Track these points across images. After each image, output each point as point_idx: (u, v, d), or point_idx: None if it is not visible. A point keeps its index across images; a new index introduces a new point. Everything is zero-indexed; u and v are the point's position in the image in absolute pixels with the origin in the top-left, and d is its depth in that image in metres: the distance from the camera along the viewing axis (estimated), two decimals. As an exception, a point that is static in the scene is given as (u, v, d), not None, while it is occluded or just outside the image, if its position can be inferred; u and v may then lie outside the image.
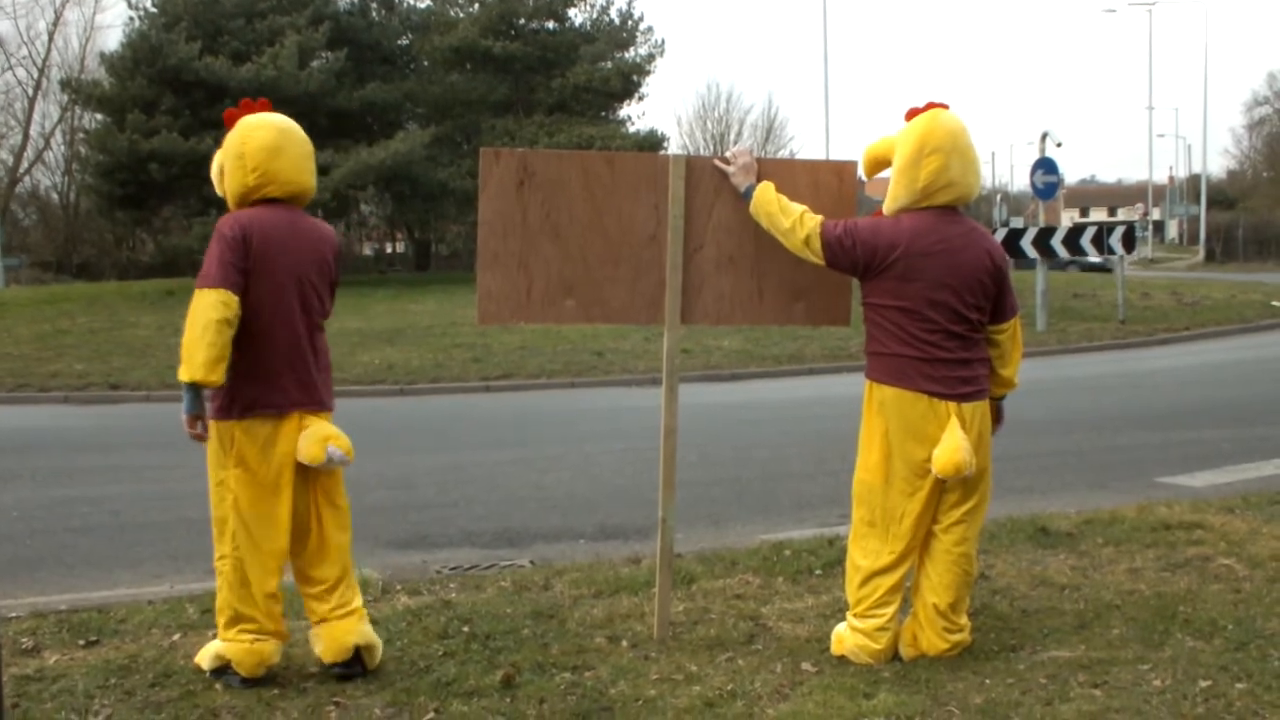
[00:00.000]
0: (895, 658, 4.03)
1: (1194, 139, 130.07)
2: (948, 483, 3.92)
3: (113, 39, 73.43)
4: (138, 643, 4.35)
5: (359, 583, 4.16)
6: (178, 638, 4.40)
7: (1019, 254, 17.77)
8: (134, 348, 16.72)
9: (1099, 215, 77.92)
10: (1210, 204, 52.92)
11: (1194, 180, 62.52)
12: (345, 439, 3.85)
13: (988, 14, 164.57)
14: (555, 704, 3.69)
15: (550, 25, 33.07)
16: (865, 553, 4.04)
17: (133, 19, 29.66)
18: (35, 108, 44.99)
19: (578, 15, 34.03)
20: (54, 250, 44.10)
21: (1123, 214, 71.94)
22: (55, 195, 46.69)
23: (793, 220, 4.03)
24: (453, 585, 5.12)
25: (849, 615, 4.09)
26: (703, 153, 35.88)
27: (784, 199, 4.08)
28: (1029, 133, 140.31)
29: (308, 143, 4.00)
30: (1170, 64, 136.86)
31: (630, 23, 34.23)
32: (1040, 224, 19.08)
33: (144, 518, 6.96)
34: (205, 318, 3.64)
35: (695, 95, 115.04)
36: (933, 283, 3.87)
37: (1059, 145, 19.23)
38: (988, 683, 3.78)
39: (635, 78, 33.36)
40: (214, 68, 27.00)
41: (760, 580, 5.02)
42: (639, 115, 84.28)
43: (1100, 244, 18.33)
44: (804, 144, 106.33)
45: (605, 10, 34.28)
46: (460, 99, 31.29)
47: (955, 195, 3.93)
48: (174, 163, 26.28)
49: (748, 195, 4.14)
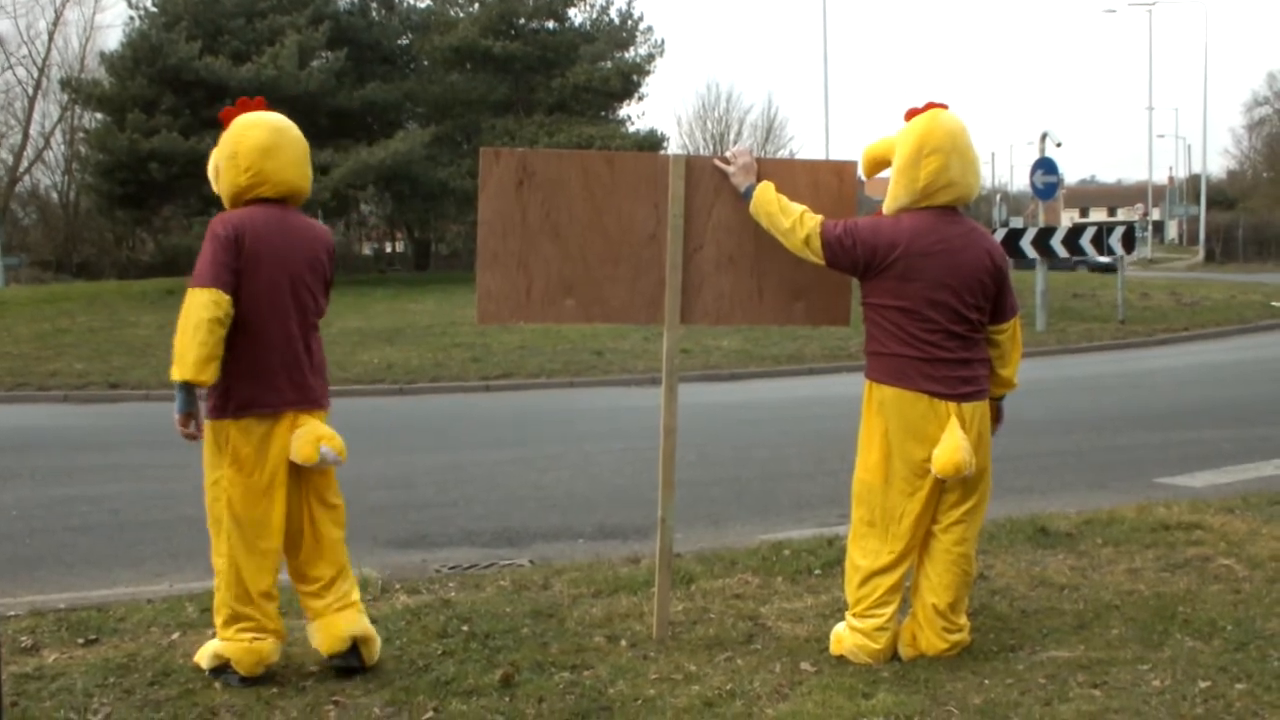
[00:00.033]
0: (894, 658, 4.03)
1: (1194, 139, 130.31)
2: (947, 483, 3.92)
3: (113, 38, 73.48)
4: (137, 641, 4.35)
5: (359, 582, 4.16)
6: (177, 636, 4.40)
7: (1019, 254, 17.79)
8: (134, 347, 16.72)
9: (1099, 215, 77.93)
10: (1210, 204, 52.91)
11: (1194, 180, 62.55)
12: (338, 439, 3.85)
13: (987, 14, 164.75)
14: (554, 703, 3.69)
15: (550, 25, 33.07)
16: (864, 552, 4.04)
17: (133, 18, 29.73)
18: (35, 107, 45.10)
19: (578, 15, 34.09)
20: (54, 249, 44.12)
21: (1122, 214, 71.97)
22: (55, 194, 46.73)
23: (793, 220, 4.03)
24: (452, 584, 5.12)
25: (848, 615, 4.09)
26: (703, 152, 35.78)
27: (784, 199, 4.08)
28: (1029, 133, 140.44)
29: (303, 142, 3.99)
30: (1170, 64, 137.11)
31: (630, 23, 34.24)
32: (1040, 224, 19.08)
33: (143, 516, 6.96)
34: (197, 317, 3.65)
35: (695, 95, 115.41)
36: (933, 283, 3.87)
37: (1059, 145, 19.25)
38: (987, 683, 3.78)
39: (635, 78, 33.37)
40: (214, 67, 27.01)
41: (759, 580, 5.02)
42: (639, 115, 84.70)
43: (1100, 244, 18.34)
44: (804, 144, 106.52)
45: (605, 10, 34.31)
46: (460, 99, 31.29)
47: (955, 195, 3.93)
48: (174, 162, 26.29)
49: (748, 195, 4.14)
